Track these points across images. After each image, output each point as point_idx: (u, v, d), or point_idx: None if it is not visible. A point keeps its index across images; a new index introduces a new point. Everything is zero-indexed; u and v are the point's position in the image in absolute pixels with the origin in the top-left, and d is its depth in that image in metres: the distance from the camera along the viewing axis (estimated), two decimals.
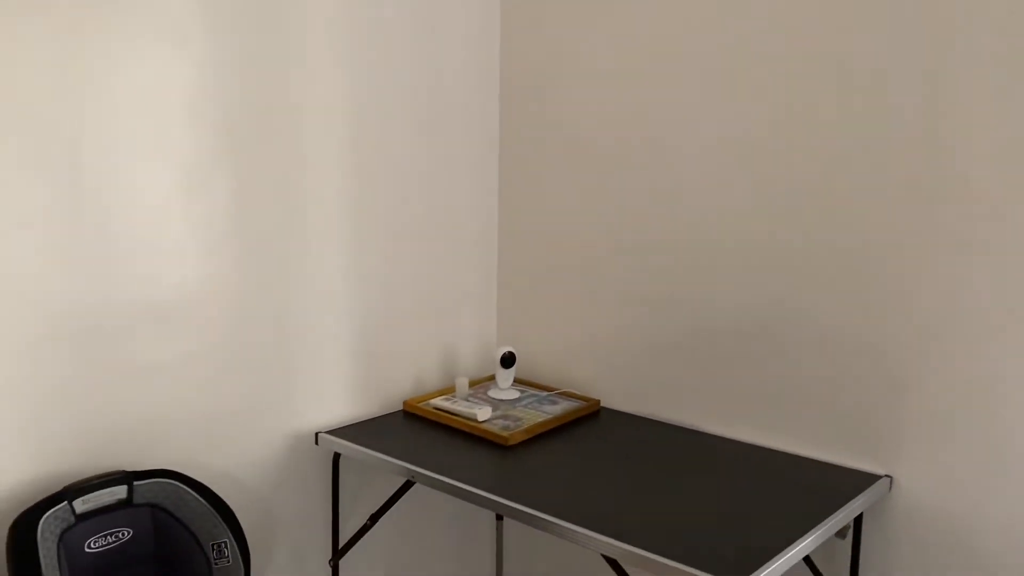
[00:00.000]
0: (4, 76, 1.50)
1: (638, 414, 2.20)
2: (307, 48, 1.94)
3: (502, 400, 2.22)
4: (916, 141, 1.70)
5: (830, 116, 1.81)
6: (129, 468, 1.74)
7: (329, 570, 2.16)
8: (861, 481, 1.77)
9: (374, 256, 2.16)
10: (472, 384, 2.37)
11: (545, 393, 2.30)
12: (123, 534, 1.64)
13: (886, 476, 1.80)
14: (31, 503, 1.60)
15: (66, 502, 1.56)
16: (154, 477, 1.67)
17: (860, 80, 1.76)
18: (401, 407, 2.25)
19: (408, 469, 1.83)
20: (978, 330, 1.67)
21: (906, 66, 1.70)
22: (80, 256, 1.63)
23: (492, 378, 2.43)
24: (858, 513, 1.71)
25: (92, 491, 1.59)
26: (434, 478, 1.78)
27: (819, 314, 1.87)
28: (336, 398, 2.12)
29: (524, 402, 2.21)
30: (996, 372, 1.66)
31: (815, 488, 1.74)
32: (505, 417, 2.09)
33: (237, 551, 1.70)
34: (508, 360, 2.22)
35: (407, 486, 1.95)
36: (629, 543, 1.49)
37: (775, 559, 1.44)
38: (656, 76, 2.07)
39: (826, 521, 1.59)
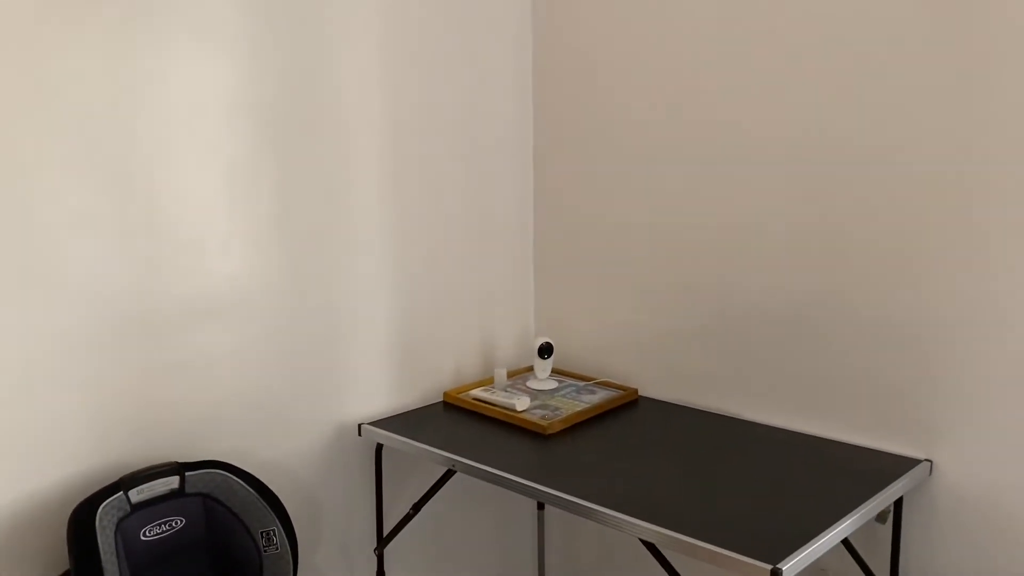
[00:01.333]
0: (60, 81, 1.56)
1: (676, 402, 2.22)
2: (350, 45, 1.98)
3: (540, 390, 2.24)
4: (955, 128, 1.69)
5: (871, 103, 1.80)
6: (180, 459, 1.80)
7: (374, 558, 2.21)
8: (900, 465, 1.77)
9: (414, 251, 2.19)
10: (511, 375, 2.40)
11: (583, 383, 2.32)
12: (176, 523, 1.70)
13: (926, 460, 1.79)
14: (88, 493, 1.67)
15: (122, 492, 1.62)
16: (204, 468, 1.73)
17: (905, 67, 1.75)
18: (441, 398, 2.29)
19: (449, 459, 1.87)
20: (1017, 312, 1.66)
21: (953, 52, 1.69)
22: (133, 254, 1.68)
23: (530, 369, 2.46)
24: (897, 497, 1.71)
25: (146, 482, 1.65)
26: (474, 467, 1.82)
27: (857, 299, 1.86)
28: (378, 390, 2.16)
29: (562, 392, 2.23)
30: None
31: (853, 473, 1.74)
32: (544, 407, 2.11)
33: (285, 539, 1.75)
34: (546, 350, 2.25)
35: (448, 475, 1.99)
36: (667, 527, 1.51)
37: (812, 542, 1.45)
38: (695, 63, 2.08)
39: (864, 505, 1.59)
